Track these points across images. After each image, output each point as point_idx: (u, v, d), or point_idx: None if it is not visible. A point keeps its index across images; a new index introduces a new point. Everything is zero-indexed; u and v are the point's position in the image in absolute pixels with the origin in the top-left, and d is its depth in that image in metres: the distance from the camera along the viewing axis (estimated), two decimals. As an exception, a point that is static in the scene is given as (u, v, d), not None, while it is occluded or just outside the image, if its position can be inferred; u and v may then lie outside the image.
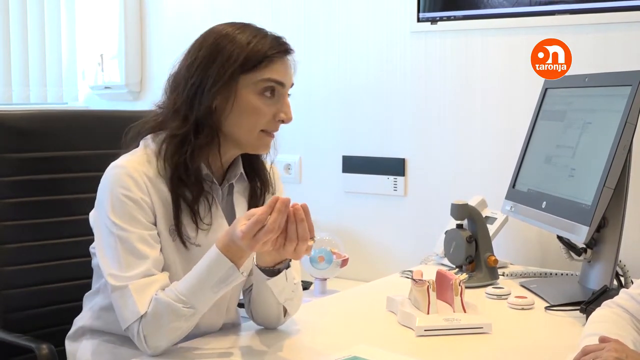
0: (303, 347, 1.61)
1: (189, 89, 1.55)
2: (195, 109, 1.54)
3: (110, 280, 1.50)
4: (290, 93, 1.62)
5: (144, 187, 1.52)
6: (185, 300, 1.46)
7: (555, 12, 2.32)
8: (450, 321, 1.64)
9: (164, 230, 1.55)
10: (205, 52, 1.56)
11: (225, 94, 1.54)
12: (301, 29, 2.82)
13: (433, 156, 2.58)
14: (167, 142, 1.55)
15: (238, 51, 1.54)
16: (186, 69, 1.57)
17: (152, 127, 1.60)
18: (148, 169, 1.54)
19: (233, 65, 1.53)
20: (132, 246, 1.49)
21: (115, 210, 1.50)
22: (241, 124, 1.56)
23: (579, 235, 1.82)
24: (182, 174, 1.54)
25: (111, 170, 1.54)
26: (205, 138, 1.55)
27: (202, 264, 1.47)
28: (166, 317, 1.46)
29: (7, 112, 1.89)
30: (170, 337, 1.49)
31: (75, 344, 1.67)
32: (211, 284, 1.46)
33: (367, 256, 2.70)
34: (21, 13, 3.13)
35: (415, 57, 2.59)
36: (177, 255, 1.56)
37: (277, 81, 1.56)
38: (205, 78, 1.54)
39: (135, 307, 1.46)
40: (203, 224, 1.57)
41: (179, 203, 1.54)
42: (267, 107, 1.56)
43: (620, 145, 1.77)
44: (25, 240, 1.84)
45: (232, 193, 1.65)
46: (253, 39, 1.55)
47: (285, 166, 2.86)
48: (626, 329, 1.38)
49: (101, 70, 3.27)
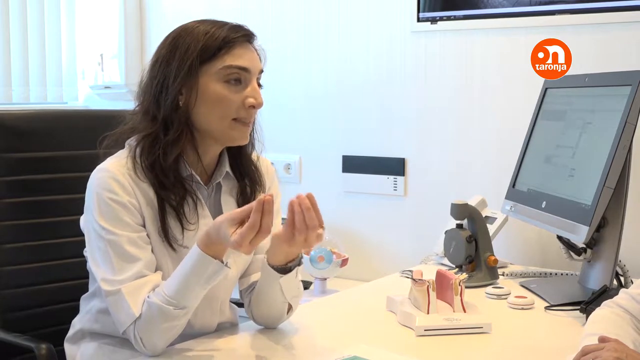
0: (303, 347, 1.60)
1: (155, 88, 1.55)
2: (162, 107, 1.54)
3: (103, 285, 1.49)
4: (262, 83, 1.60)
5: (130, 190, 1.52)
6: (175, 302, 1.45)
7: (555, 12, 2.32)
8: (450, 321, 1.64)
9: (154, 231, 1.54)
10: (165, 50, 1.56)
11: (189, 87, 1.53)
12: (301, 29, 2.82)
13: (433, 156, 2.58)
14: (141, 144, 1.55)
15: (195, 42, 1.53)
16: (150, 70, 1.58)
17: (128, 134, 1.59)
18: (132, 171, 1.53)
19: (191, 57, 1.52)
20: (122, 249, 1.49)
21: (103, 215, 1.50)
22: (210, 115, 1.55)
23: (579, 235, 1.82)
24: (160, 176, 1.53)
25: (96, 174, 1.54)
26: (175, 134, 1.54)
27: (187, 266, 1.46)
28: (158, 320, 1.46)
29: (7, 111, 1.89)
30: (165, 337, 1.49)
31: (74, 346, 1.66)
32: (200, 282, 1.46)
33: (367, 256, 2.70)
34: (21, 13, 3.13)
35: (415, 57, 2.59)
36: (168, 256, 1.56)
37: (240, 67, 1.54)
38: (168, 74, 1.54)
39: (130, 310, 1.46)
40: (189, 224, 1.56)
41: (163, 206, 1.54)
42: (233, 95, 1.54)
43: (620, 145, 1.77)
44: (24, 240, 1.84)
45: (219, 192, 1.64)
46: (211, 29, 1.55)
47: (285, 166, 2.86)
48: (626, 329, 1.38)
49: (101, 70, 3.27)
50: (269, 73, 1.66)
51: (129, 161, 1.54)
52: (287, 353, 1.56)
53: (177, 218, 1.55)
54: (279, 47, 2.83)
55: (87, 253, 1.58)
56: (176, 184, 1.54)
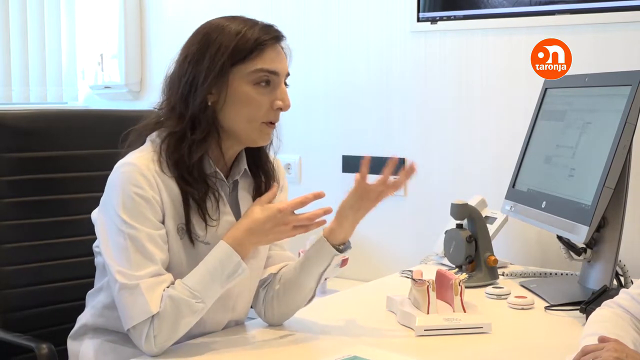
0: (303, 347, 1.61)
1: (183, 87, 1.55)
2: (190, 106, 1.54)
3: (119, 277, 1.48)
4: (288, 84, 1.61)
5: (155, 185, 1.52)
6: (198, 295, 1.48)
7: (555, 12, 2.32)
8: (450, 321, 1.64)
9: (172, 228, 1.54)
10: (195, 48, 1.56)
11: (219, 87, 1.54)
12: (301, 28, 2.81)
13: (433, 156, 2.58)
14: (167, 141, 1.55)
15: (227, 42, 1.53)
16: (179, 67, 1.57)
17: (152, 128, 1.59)
18: (157, 166, 1.54)
19: (222, 57, 1.53)
20: (142, 245, 1.49)
21: (126, 208, 1.50)
22: (239, 116, 1.56)
23: (579, 235, 1.82)
24: (184, 173, 1.54)
25: (121, 168, 1.54)
26: (202, 133, 1.54)
27: (213, 259, 1.50)
28: (180, 313, 1.47)
29: (7, 111, 1.89)
30: (179, 334, 1.50)
31: (77, 342, 1.66)
32: (221, 278, 1.49)
33: (367, 256, 2.70)
34: (21, 12, 3.13)
35: (415, 57, 2.59)
36: (184, 253, 1.56)
37: (271, 71, 1.55)
38: (198, 73, 1.53)
39: (147, 306, 1.46)
40: (212, 220, 1.56)
41: (188, 202, 1.54)
42: (262, 97, 1.55)
43: (620, 145, 1.77)
44: (24, 240, 1.83)
45: (236, 189, 1.65)
46: (242, 29, 1.55)
47: (285, 166, 2.86)
48: (626, 329, 1.38)
49: (101, 70, 3.27)
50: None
51: (155, 156, 1.54)
52: (287, 353, 1.56)
53: (199, 213, 1.55)
54: (279, 47, 2.83)
55: (98, 247, 1.57)
56: (199, 180, 1.55)
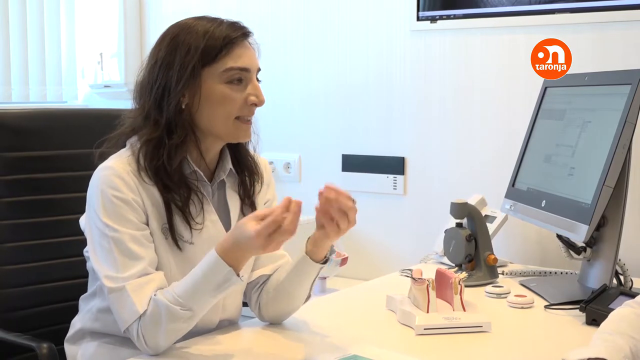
0: (303, 347, 1.60)
1: (155, 92, 1.55)
2: (165, 111, 1.54)
3: (106, 282, 1.49)
4: (260, 79, 1.61)
5: (135, 187, 1.52)
6: (183, 302, 1.45)
7: (554, 11, 2.32)
8: (450, 320, 1.64)
9: (157, 229, 1.54)
10: (165, 52, 1.56)
11: (192, 90, 1.54)
12: (301, 28, 2.82)
13: (433, 155, 2.58)
14: (144, 149, 1.55)
15: (196, 43, 1.53)
16: (149, 72, 1.57)
17: (128, 134, 1.59)
18: (136, 169, 1.54)
19: (193, 59, 1.53)
20: (126, 247, 1.49)
21: (107, 212, 1.50)
22: (214, 116, 1.56)
23: (579, 234, 1.83)
24: (165, 180, 1.53)
25: (99, 172, 1.54)
26: (179, 137, 1.54)
27: (200, 269, 1.47)
28: (164, 319, 1.45)
29: (7, 110, 1.89)
30: (169, 338, 1.49)
31: (74, 346, 1.66)
32: (209, 288, 1.46)
33: (367, 255, 2.70)
34: (21, 12, 3.12)
35: (414, 56, 2.59)
36: (171, 253, 1.56)
37: (242, 68, 1.55)
38: (169, 78, 1.53)
39: (134, 307, 1.46)
40: (196, 223, 1.56)
41: (170, 206, 1.54)
42: (236, 94, 1.55)
43: (619, 144, 1.77)
44: (23, 239, 1.84)
45: (223, 189, 1.65)
46: (210, 28, 1.55)
47: (284, 165, 2.86)
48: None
49: (101, 69, 3.27)
50: (269, 72, 1.66)
51: (133, 162, 1.54)
52: (287, 352, 1.56)
53: (183, 218, 1.55)
54: (278, 46, 2.84)
55: (88, 252, 1.57)
56: (180, 184, 1.55)
